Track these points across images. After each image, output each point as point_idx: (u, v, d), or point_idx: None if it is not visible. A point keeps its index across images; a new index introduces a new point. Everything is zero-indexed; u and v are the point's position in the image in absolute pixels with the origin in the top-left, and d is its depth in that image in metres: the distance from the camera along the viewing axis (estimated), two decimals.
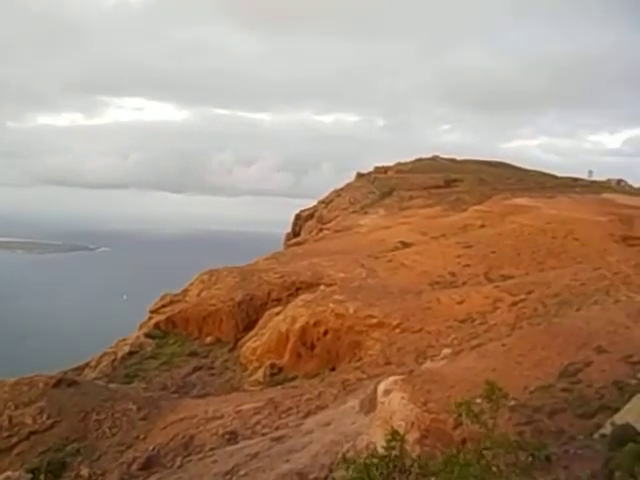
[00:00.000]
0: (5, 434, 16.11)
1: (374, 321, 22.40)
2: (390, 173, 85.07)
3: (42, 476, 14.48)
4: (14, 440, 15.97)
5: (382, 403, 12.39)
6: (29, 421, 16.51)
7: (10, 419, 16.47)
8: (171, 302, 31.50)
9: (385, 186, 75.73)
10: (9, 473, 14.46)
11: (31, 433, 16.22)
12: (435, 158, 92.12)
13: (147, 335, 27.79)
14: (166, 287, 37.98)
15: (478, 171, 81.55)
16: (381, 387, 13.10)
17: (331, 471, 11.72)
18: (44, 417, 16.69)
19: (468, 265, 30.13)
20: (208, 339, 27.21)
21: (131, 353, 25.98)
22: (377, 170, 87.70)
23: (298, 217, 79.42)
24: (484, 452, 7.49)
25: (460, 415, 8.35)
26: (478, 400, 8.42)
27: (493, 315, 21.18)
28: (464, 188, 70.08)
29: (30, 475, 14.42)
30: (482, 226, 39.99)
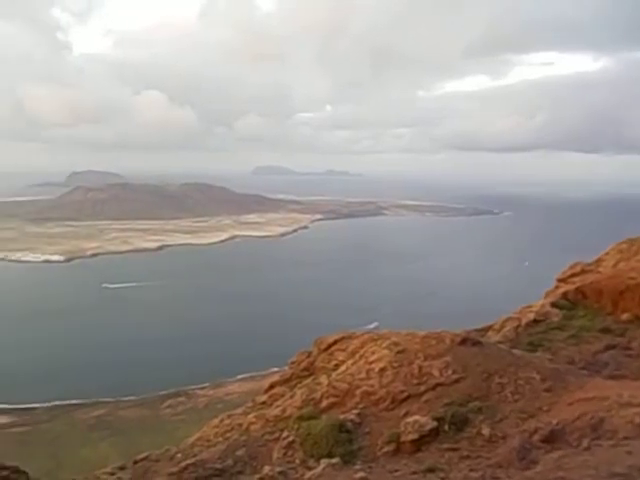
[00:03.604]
0: (415, 381, 17.23)
1: None
2: None
3: (446, 426, 14.95)
4: (422, 388, 16.95)
5: None
6: (436, 373, 17.27)
7: (420, 369, 17.55)
8: (582, 272, 29.32)
9: None
10: (417, 417, 15.41)
11: (437, 385, 16.95)
12: None
13: (553, 304, 26.45)
14: (571, 255, 36.13)
15: None
16: None
17: None
18: (449, 371, 17.22)
19: None
20: (624, 316, 24.28)
21: (536, 321, 25.08)
22: None
23: None
24: None
25: None
26: None
27: None
28: None
29: (435, 423, 15.05)
30: None
